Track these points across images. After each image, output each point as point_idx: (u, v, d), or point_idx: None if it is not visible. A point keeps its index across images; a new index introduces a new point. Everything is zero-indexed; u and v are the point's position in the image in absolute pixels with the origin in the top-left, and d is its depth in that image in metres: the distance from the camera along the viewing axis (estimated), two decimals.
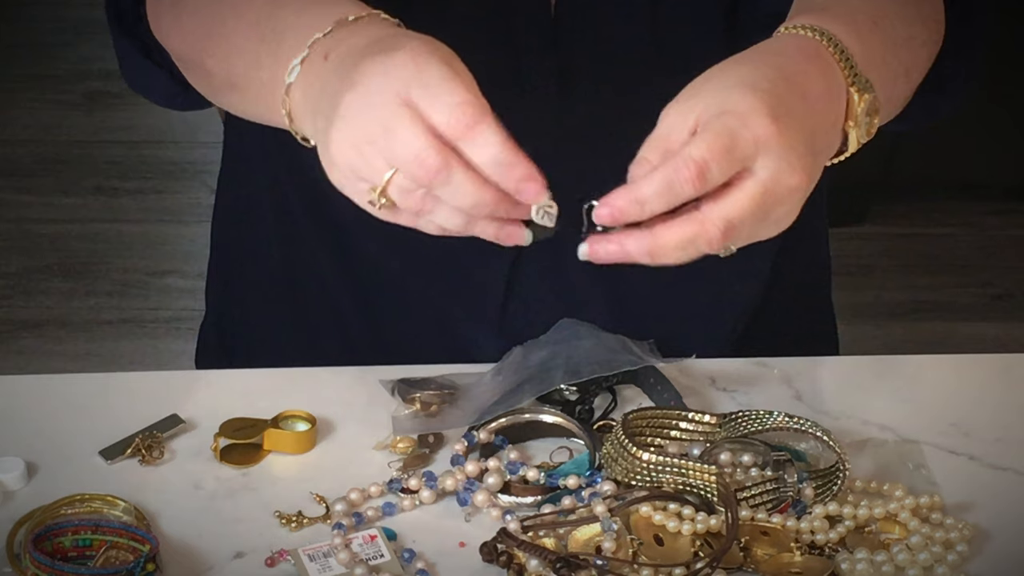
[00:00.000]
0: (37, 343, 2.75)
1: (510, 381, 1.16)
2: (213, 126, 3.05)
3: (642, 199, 0.91)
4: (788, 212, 0.95)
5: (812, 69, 0.97)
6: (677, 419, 1.12)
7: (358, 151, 0.93)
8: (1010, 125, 2.99)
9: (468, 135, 0.91)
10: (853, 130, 0.99)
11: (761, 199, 0.92)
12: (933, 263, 3.01)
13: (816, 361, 1.26)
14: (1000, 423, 1.17)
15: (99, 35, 3.57)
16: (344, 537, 1.04)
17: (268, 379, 1.21)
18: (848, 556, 1.03)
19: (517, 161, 0.92)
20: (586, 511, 1.05)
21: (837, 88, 0.98)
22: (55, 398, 1.18)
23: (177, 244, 2.97)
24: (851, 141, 1.00)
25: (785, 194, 0.93)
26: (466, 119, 0.91)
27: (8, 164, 3.19)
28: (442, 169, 0.91)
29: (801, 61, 0.97)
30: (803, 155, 0.93)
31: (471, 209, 0.94)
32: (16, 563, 1.00)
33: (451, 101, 0.91)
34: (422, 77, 0.92)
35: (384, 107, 0.92)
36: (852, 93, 0.98)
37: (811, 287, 1.42)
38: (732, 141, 0.91)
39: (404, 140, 0.91)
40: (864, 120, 0.99)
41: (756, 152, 0.92)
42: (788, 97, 0.94)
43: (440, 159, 0.91)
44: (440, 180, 0.92)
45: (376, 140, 0.92)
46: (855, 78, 0.98)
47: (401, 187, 0.93)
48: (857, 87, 0.98)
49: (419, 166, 0.91)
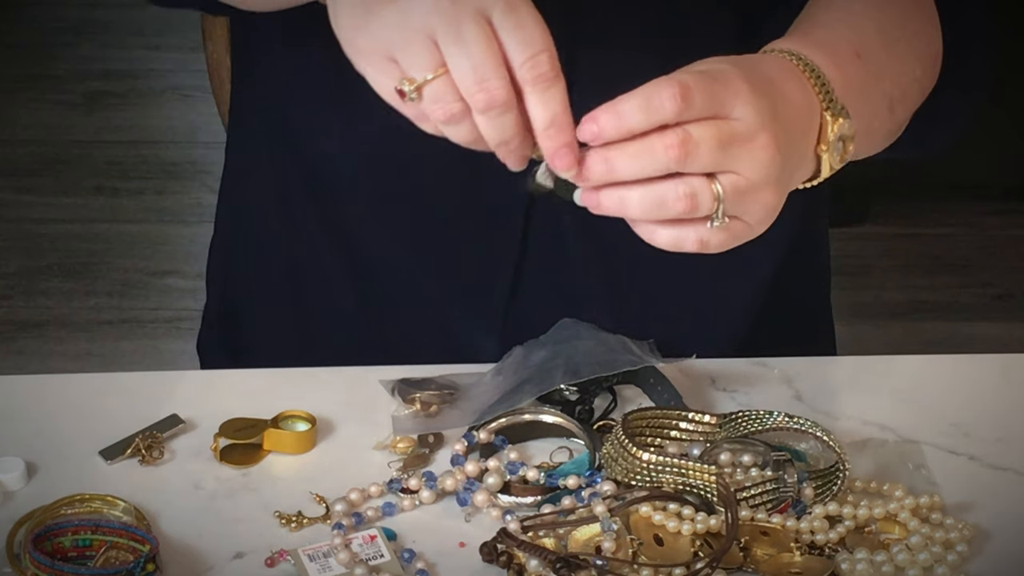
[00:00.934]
0: (37, 343, 2.75)
1: (510, 381, 1.16)
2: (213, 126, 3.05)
3: (619, 110, 0.90)
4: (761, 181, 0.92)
5: (790, 83, 0.97)
6: (677, 419, 1.12)
7: (406, 34, 0.90)
8: (1010, 125, 2.99)
9: (539, 87, 0.89)
10: (825, 154, 0.99)
11: (728, 132, 0.91)
12: (933, 263, 3.01)
13: (816, 361, 1.26)
14: (1000, 423, 1.17)
15: (99, 35, 3.58)
16: (344, 537, 1.04)
17: (268, 379, 1.21)
18: (848, 556, 1.03)
19: (568, 128, 0.90)
20: (586, 511, 1.05)
21: (812, 107, 0.98)
22: (55, 398, 1.18)
23: (177, 244, 2.98)
24: (824, 165, 0.99)
25: (756, 148, 0.92)
26: (544, 70, 0.89)
27: (8, 164, 3.19)
28: (503, 105, 0.89)
29: (779, 74, 0.97)
30: (775, 131, 0.92)
31: (498, 143, 0.92)
32: (16, 563, 1.00)
33: (537, 44, 0.89)
34: (512, 3, 0.89)
35: (460, 6, 0.89)
36: (825, 116, 0.98)
37: (813, 290, 1.43)
38: (714, 84, 0.91)
39: (473, 55, 0.88)
40: (837, 145, 0.99)
41: (734, 103, 0.91)
42: (768, 90, 0.94)
43: (506, 96, 0.89)
44: (493, 113, 0.89)
45: (435, 34, 0.89)
46: (830, 103, 0.98)
47: (439, 93, 0.90)
48: (831, 111, 0.98)
49: (480, 90, 0.88)
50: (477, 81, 0.89)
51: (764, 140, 0.92)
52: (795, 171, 0.98)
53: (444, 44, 0.89)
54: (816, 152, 0.99)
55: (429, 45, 0.90)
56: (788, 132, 0.95)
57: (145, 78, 3.46)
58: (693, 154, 0.90)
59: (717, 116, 0.91)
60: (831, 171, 1.00)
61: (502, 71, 0.89)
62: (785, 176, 0.95)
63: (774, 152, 0.92)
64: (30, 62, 3.50)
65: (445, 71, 0.90)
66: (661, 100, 0.90)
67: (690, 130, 0.90)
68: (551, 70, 0.89)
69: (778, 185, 0.94)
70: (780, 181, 0.94)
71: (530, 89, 0.89)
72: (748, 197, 0.93)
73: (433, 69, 0.90)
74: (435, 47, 0.90)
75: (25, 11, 3.65)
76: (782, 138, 0.93)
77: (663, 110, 0.90)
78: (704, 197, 0.91)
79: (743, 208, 0.93)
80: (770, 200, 0.94)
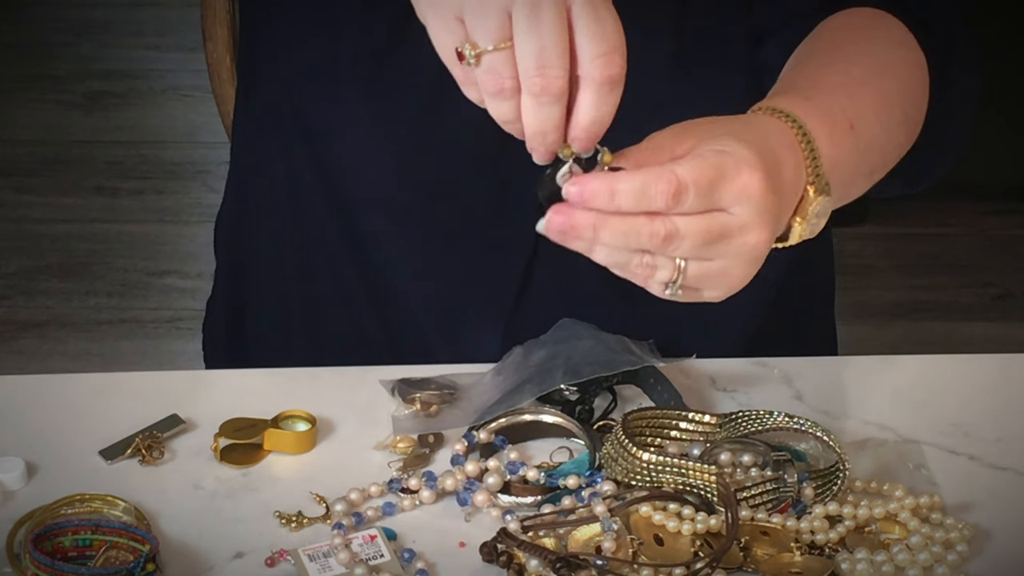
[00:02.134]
0: (37, 343, 2.75)
1: (510, 381, 1.16)
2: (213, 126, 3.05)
3: (615, 189, 0.89)
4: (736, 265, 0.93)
5: (787, 154, 0.97)
6: (677, 419, 1.12)
7: None
8: (1010, 125, 2.99)
9: (604, 87, 0.87)
10: (799, 225, 0.98)
11: (719, 228, 0.91)
12: (933, 263, 3.01)
13: (816, 361, 1.26)
14: (1000, 423, 1.17)
15: (99, 35, 3.58)
16: (344, 537, 1.04)
17: (268, 379, 1.21)
18: (848, 556, 1.03)
19: (606, 127, 0.89)
20: (586, 511, 1.05)
21: (798, 179, 0.97)
22: (55, 398, 1.18)
23: (177, 244, 2.98)
24: (793, 234, 0.99)
25: (742, 243, 0.92)
26: (615, 71, 0.87)
27: (8, 164, 3.19)
28: (555, 95, 0.87)
29: (780, 143, 0.97)
30: (772, 221, 0.92)
31: (535, 131, 0.89)
32: (16, 563, 1.00)
33: (611, 41, 0.87)
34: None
35: None
36: (808, 191, 0.98)
37: (816, 293, 1.43)
38: (719, 179, 0.90)
39: (543, 37, 0.87)
40: (813, 220, 0.98)
41: (736, 200, 0.91)
42: (772, 165, 0.94)
43: (562, 87, 0.87)
44: (543, 100, 0.88)
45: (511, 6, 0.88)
46: (816, 178, 0.98)
47: (498, 65, 0.88)
48: (816, 187, 0.98)
49: (539, 74, 0.87)
50: (538, 65, 0.87)
51: (756, 237, 0.92)
52: None
53: (517, 19, 0.87)
54: (789, 221, 0.98)
55: (502, 15, 0.88)
56: (781, 219, 0.95)
57: (145, 78, 3.46)
58: (674, 246, 0.90)
59: (712, 209, 0.91)
60: (799, 240, 0.99)
61: (565, 61, 0.87)
62: (768, 246, 0.95)
63: (764, 247, 0.93)
64: (30, 62, 3.50)
65: (510, 45, 0.88)
66: (655, 195, 0.89)
67: (678, 224, 0.90)
68: (620, 72, 0.88)
69: (754, 270, 0.94)
70: (758, 267, 0.94)
71: (593, 86, 0.88)
72: (713, 279, 0.93)
73: (499, 40, 0.88)
74: (507, 19, 0.88)
75: (25, 11, 3.65)
76: (776, 230, 0.94)
77: (653, 203, 0.89)
78: (664, 272, 0.92)
79: (705, 285, 0.94)
80: (738, 281, 0.94)
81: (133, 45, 3.56)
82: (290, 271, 1.35)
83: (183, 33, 3.50)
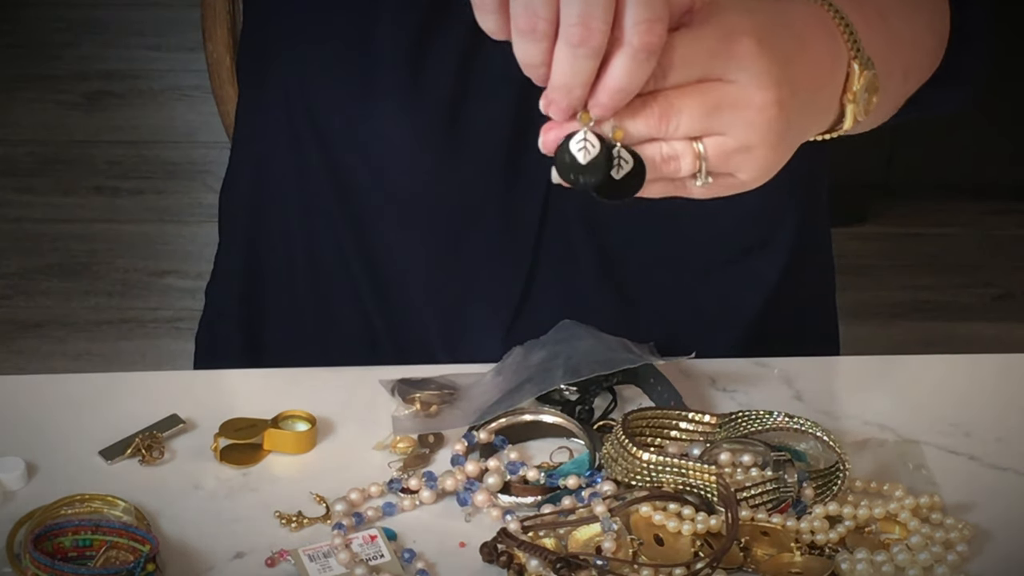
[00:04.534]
0: (37, 343, 2.75)
1: (510, 381, 1.16)
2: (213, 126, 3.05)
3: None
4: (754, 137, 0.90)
5: (818, 31, 0.95)
6: (677, 419, 1.12)
7: None
8: (1010, 125, 3.00)
9: (640, 55, 0.85)
10: (851, 104, 0.97)
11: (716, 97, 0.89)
12: (933, 263, 3.02)
13: (816, 361, 1.26)
14: (1000, 423, 1.17)
15: (99, 35, 3.58)
16: (344, 537, 1.04)
17: (268, 379, 1.21)
18: (848, 556, 1.03)
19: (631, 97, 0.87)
20: (586, 511, 1.05)
21: (838, 57, 0.96)
22: (55, 398, 1.18)
23: (177, 244, 2.98)
24: (847, 116, 0.97)
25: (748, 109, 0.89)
26: (653, 40, 0.85)
27: (8, 164, 3.19)
28: (593, 50, 0.84)
29: (808, 22, 0.95)
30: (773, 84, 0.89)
31: (562, 84, 0.86)
32: (16, 563, 1.00)
33: (655, 10, 0.84)
34: None
35: None
36: (853, 66, 0.96)
37: (817, 294, 1.43)
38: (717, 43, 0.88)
39: None
40: (863, 96, 0.96)
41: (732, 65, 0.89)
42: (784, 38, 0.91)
43: (601, 42, 0.84)
44: (580, 52, 0.85)
45: None
46: (858, 52, 0.96)
47: (533, 2, 0.85)
48: (859, 61, 0.96)
49: (581, 24, 0.84)
50: (582, 14, 0.84)
51: (762, 103, 0.89)
52: (809, 125, 0.96)
53: None
54: (841, 102, 0.97)
55: None
56: (800, 87, 0.92)
57: (145, 78, 3.46)
58: (672, 122, 0.88)
59: (707, 79, 0.89)
60: (854, 122, 0.97)
61: (609, 16, 0.84)
62: (792, 134, 0.92)
63: (774, 114, 0.89)
64: (30, 62, 3.50)
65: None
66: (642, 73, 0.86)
67: (672, 99, 0.88)
68: (659, 42, 0.85)
69: (779, 144, 0.91)
70: (782, 140, 0.91)
71: (630, 51, 0.85)
72: (737, 157, 0.90)
73: None
74: None
75: (25, 11, 3.65)
76: (790, 97, 0.90)
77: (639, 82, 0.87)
78: (685, 160, 0.89)
79: (732, 167, 0.91)
80: (767, 159, 0.91)
81: (133, 45, 3.56)
82: (302, 274, 1.35)
83: (183, 33, 3.50)
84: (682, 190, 0.92)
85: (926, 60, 1.12)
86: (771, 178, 0.93)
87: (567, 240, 1.28)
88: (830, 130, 0.99)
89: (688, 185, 0.91)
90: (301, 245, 1.34)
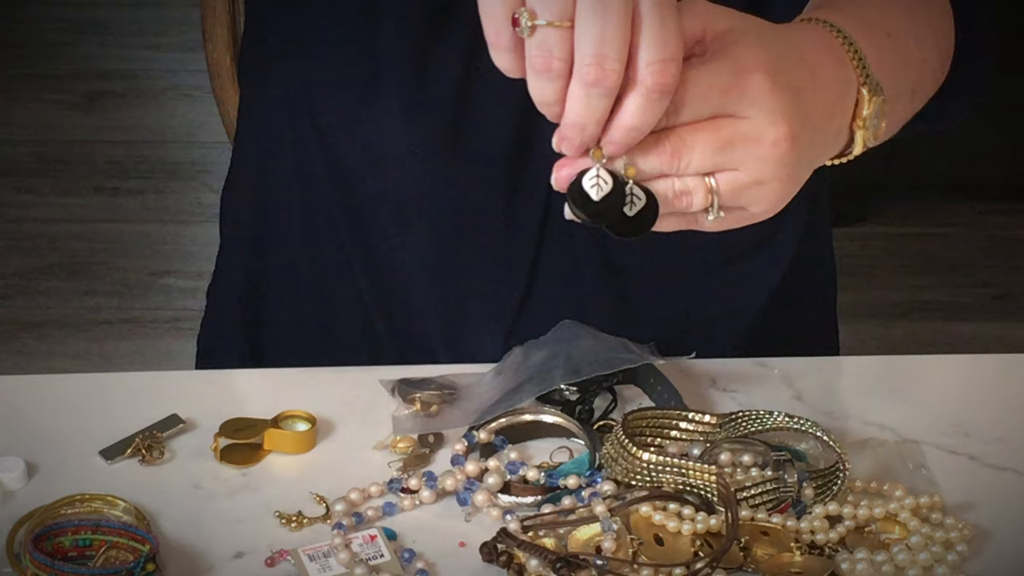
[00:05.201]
0: (37, 343, 2.75)
1: (510, 381, 1.16)
2: (213, 126, 3.06)
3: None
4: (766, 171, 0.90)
5: (827, 59, 0.95)
6: (677, 419, 1.12)
7: None
8: (1009, 126, 3.00)
9: (653, 94, 0.85)
10: (860, 131, 0.97)
11: (728, 134, 0.89)
12: (933, 263, 3.02)
13: (816, 361, 1.26)
14: (1000, 423, 1.17)
15: (99, 35, 3.58)
16: (344, 537, 1.04)
17: (268, 379, 1.21)
18: (848, 556, 1.03)
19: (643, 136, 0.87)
20: (586, 511, 1.05)
21: (848, 83, 0.96)
22: (55, 398, 1.18)
23: (177, 244, 2.98)
24: (857, 142, 0.98)
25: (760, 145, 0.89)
26: (667, 80, 0.85)
27: (8, 164, 3.19)
28: (607, 90, 0.84)
29: (818, 49, 0.95)
30: (786, 119, 0.90)
31: (575, 122, 0.86)
32: (16, 563, 1.00)
33: (671, 50, 0.84)
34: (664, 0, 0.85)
35: None
36: (863, 92, 0.96)
37: (818, 295, 1.43)
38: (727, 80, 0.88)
39: (607, 27, 0.83)
40: (872, 122, 0.97)
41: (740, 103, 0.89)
42: (796, 70, 0.92)
43: (616, 82, 0.84)
44: (594, 92, 0.85)
45: None
46: (867, 78, 0.96)
47: (552, 43, 0.85)
48: (869, 87, 0.96)
49: (595, 64, 0.83)
50: (597, 54, 0.84)
51: (775, 138, 0.89)
52: (820, 154, 0.96)
53: (583, 1, 0.84)
54: (851, 128, 0.97)
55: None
56: (811, 119, 0.92)
57: (145, 78, 3.46)
58: (685, 159, 0.89)
59: (719, 115, 0.89)
60: (864, 147, 0.98)
61: (624, 56, 0.84)
62: (804, 165, 0.93)
63: (786, 149, 0.90)
64: (30, 62, 3.50)
65: (569, 25, 0.84)
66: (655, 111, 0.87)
67: (684, 136, 0.88)
68: (672, 83, 0.85)
69: (791, 177, 0.92)
70: (794, 173, 0.92)
71: (643, 91, 0.85)
72: (750, 192, 0.91)
73: (561, 17, 0.84)
74: None
75: (25, 11, 3.66)
76: (801, 130, 0.91)
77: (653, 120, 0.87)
78: (698, 195, 0.90)
79: (745, 200, 0.92)
80: (779, 192, 0.92)
81: (133, 45, 3.57)
82: (303, 274, 1.35)
83: (183, 33, 3.51)
84: (694, 224, 0.92)
85: (932, 76, 1.12)
86: None
87: (568, 241, 1.28)
88: (840, 155, 0.99)
89: (700, 219, 0.92)
90: (302, 246, 1.34)
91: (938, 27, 1.13)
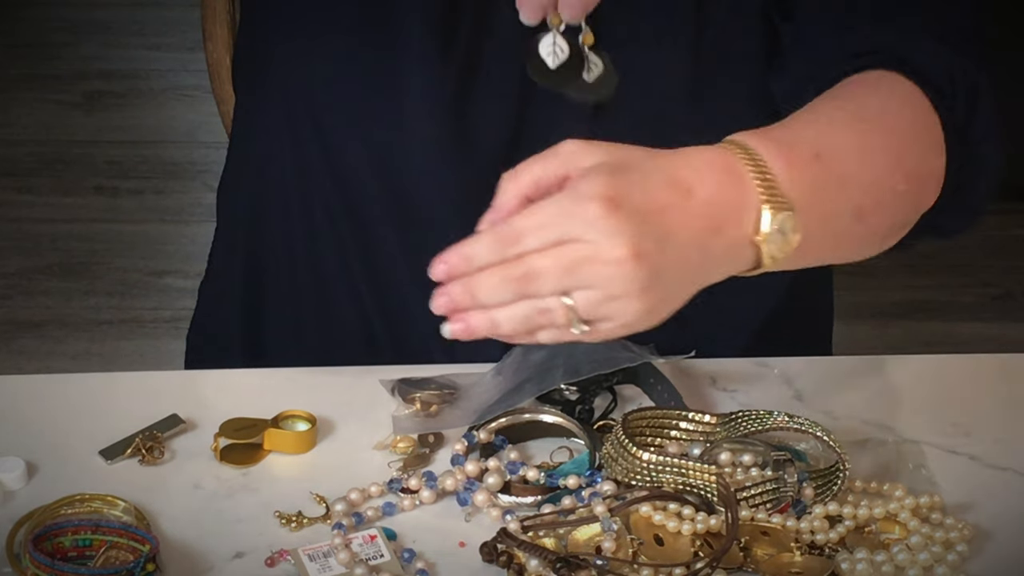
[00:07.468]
0: (37, 343, 2.75)
1: (510, 381, 1.16)
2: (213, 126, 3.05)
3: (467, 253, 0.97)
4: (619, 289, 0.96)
5: (713, 177, 0.99)
6: (677, 419, 1.12)
7: None
8: (1009, 126, 2.99)
9: None
10: (764, 244, 1.00)
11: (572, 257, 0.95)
12: (933, 263, 3.01)
13: (816, 361, 1.26)
14: (1000, 423, 1.17)
15: (99, 35, 3.58)
16: (344, 537, 1.04)
17: (268, 379, 1.21)
18: (848, 556, 1.03)
19: None
20: (586, 511, 1.05)
21: (741, 199, 0.99)
22: (55, 398, 1.18)
23: (177, 244, 2.97)
24: (764, 256, 1.01)
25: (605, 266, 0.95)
26: None
27: (8, 164, 3.19)
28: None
29: (702, 170, 0.99)
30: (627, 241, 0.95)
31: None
32: (16, 563, 1.00)
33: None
34: None
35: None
36: (763, 209, 0.99)
37: (818, 295, 1.43)
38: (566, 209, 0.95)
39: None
40: (777, 237, 1.00)
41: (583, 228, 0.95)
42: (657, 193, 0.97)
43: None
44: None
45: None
46: (771, 196, 1.00)
47: None
48: (771, 204, 0.99)
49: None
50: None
51: (617, 258, 0.95)
52: (700, 267, 1.00)
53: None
54: (754, 243, 1.00)
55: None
56: (678, 235, 0.97)
57: (145, 78, 3.46)
58: (536, 283, 0.95)
59: (564, 241, 0.95)
60: (773, 261, 1.01)
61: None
62: (668, 279, 0.97)
63: (632, 266, 0.95)
64: (30, 62, 3.50)
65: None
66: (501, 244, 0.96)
67: (532, 262, 0.95)
68: None
69: (647, 292, 0.96)
70: (650, 288, 0.96)
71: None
72: (607, 306, 0.96)
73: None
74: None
75: (25, 11, 3.65)
76: (655, 249, 0.95)
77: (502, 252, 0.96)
78: (557, 313, 0.96)
79: (605, 314, 0.97)
80: (638, 306, 0.97)
81: (133, 45, 3.56)
82: (302, 274, 1.35)
83: (183, 33, 3.50)
84: (568, 336, 0.98)
85: (896, 200, 1.12)
86: None
87: None
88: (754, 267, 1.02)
89: (563, 333, 0.98)
90: (301, 245, 1.34)
91: (909, 148, 1.13)
